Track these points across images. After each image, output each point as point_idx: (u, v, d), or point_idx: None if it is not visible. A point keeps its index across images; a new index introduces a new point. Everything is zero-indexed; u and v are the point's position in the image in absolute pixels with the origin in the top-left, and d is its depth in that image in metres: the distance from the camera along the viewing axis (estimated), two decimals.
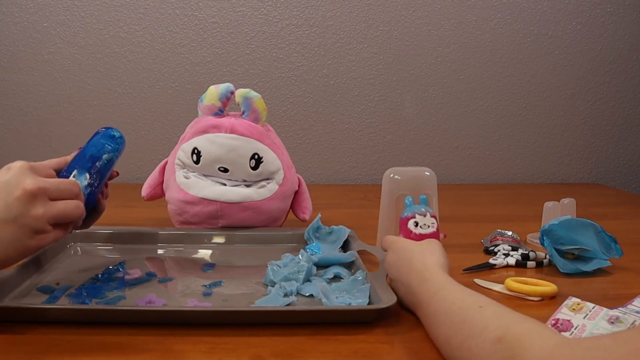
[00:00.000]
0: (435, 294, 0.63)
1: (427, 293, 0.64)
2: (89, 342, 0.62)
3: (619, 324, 0.63)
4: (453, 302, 0.59)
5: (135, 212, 1.19)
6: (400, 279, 0.71)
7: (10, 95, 1.57)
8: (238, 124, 0.98)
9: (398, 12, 1.60)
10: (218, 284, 0.79)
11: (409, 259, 0.71)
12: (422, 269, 0.68)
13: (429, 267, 0.68)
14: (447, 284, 0.64)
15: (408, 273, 0.69)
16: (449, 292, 0.62)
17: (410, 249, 0.73)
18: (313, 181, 1.62)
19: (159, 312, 0.68)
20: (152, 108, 1.59)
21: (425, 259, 0.70)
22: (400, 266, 0.72)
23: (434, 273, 0.66)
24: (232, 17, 1.57)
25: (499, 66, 1.64)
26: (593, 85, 1.68)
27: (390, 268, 0.75)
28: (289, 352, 0.61)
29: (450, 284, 0.64)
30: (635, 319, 0.63)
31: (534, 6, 1.63)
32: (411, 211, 0.83)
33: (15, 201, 0.62)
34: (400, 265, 0.72)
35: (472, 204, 1.38)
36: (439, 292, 0.63)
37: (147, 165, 1.25)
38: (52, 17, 1.55)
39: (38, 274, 0.81)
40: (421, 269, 0.68)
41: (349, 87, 1.62)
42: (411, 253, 0.72)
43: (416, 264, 0.69)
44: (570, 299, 0.69)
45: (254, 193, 0.99)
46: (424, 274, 0.67)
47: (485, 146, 1.68)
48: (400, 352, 0.63)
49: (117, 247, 0.96)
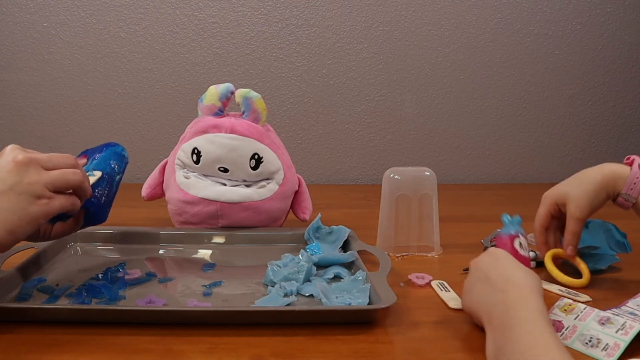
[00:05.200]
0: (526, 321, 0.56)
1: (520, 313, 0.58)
2: (89, 342, 0.62)
3: (610, 325, 0.63)
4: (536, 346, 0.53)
5: (135, 212, 1.19)
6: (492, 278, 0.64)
7: (10, 95, 1.57)
8: (238, 124, 0.98)
9: (398, 12, 1.60)
10: (218, 284, 0.79)
11: (512, 267, 0.65)
12: (523, 285, 0.62)
13: (532, 288, 0.61)
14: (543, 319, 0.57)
15: (506, 280, 0.63)
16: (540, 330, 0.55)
17: (514, 261, 0.67)
18: (313, 181, 1.62)
19: (159, 312, 0.68)
20: (152, 108, 1.59)
21: (530, 278, 0.63)
22: (497, 267, 0.66)
23: (534, 295, 0.60)
24: (232, 17, 1.57)
25: (499, 66, 1.64)
26: (593, 85, 1.68)
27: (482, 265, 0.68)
28: (289, 352, 0.61)
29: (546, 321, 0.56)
30: (625, 320, 0.63)
31: (534, 6, 1.62)
32: (515, 230, 0.78)
33: (8, 173, 0.63)
34: (498, 267, 0.66)
35: (472, 204, 1.38)
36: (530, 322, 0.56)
37: (147, 165, 1.25)
38: (52, 17, 1.55)
39: (38, 274, 0.81)
40: (522, 284, 0.62)
41: (349, 87, 1.62)
42: (516, 263, 0.66)
43: (518, 276, 0.63)
44: (562, 300, 0.69)
45: (254, 193, 0.99)
46: (523, 291, 0.60)
47: (485, 146, 1.68)
48: (400, 352, 0.63)
49: (117, 247, 0.96)
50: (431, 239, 0.96)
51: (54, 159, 0.68)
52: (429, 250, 0.96)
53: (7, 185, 0.63)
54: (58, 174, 0.67)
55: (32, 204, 0.64)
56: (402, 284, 0.82)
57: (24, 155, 0.65)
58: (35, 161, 0.65)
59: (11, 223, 0.63)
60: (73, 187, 0.69)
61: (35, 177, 0.64)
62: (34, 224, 0.65)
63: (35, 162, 0.65)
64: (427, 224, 0.96)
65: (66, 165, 0.68)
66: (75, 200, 0.69)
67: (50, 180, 0.66)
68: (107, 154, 0.81)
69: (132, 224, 1.04)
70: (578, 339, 0.63)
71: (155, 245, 0.97)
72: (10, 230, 0.63)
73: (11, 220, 0.63)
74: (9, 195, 0.63)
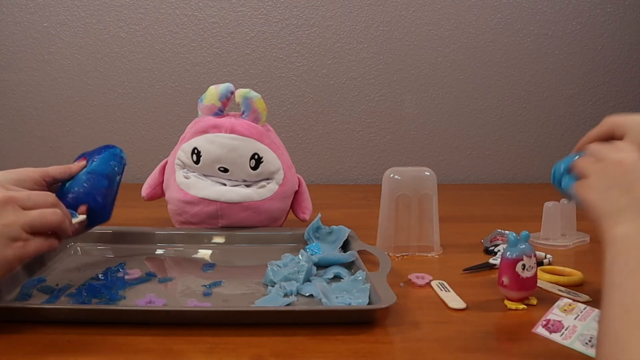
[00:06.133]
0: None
1: None
2: (89, 342, 0.62)
3: None
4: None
5: (135, 212, 1.19)
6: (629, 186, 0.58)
7: (10, 95, 1.57)
8: (238, 124, 0.98)
9: (398, 12, 1.60)
10: (218, 284, 0.79)
11: None
12: None
13: None
14: None
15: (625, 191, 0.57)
16: None
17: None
18: (313, 181, 1.62)
19: (159, 312, 0.68)
20: (152, 108, 1.59)
21: None
22: None
23: None
24: (232, 17, 1.57)
25: (499, 66, 1.64)
26: (593, 85, 1.68)
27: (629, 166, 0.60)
28: (289, 352, 0.61)
29: None
30: None
31: (534, 6, 1.62)
32: (519, 252, 0.74)
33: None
34: None
35: (472, 204, 1.38)
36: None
37: (147, 165, 1.25)
38: (52, 17, 1.55)
39: (38, 274, 0.81)
40: None
41: (349, 87, 1.62)
42: None
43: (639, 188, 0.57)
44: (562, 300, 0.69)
45: (254, 193, 0.99)
46: None
47: (485, 146, 1.68)
48: (400, 352, 0.63)
49: (117, 247, 0.96)
50: (431, 239, 0.96)
51: (34, 197, 0.65)
52: (429, 250, 0.96)
53: None
54: (36, 215, 0.64)
55: (8, 246, 0.61)
56: (402, 284, 0.82)
57: (2, 194, 0.62)
58: (13, 200, 0.62)
59: None
60: (52, 228, 0.66)
61: (12, 218, 0.61)
62: (8, 268, 0.63)
63: (13, 202, 0.62)
64: (427, 224, 0.96)
65: (46, 204, 0.66)
66: (53, 242, 0.67)
67: (28, 221, 0.63)
68: (106, 156, 0.82)
69: (132, 224, 1.04)
70: (578, 339, 0.63)
71: (155, 245, 0.97)
72: None
73: None
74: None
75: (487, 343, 0.65)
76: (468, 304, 0.74)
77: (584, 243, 1.04)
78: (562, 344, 0.63)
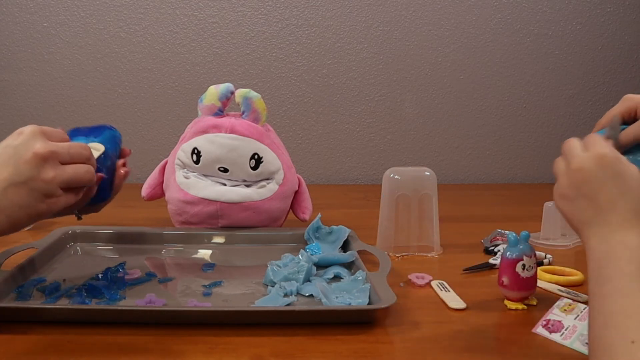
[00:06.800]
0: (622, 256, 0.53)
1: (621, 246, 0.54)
2: (89, 342, 0.62)
3: None
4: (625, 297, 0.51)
5: (135, 212, 1.19)
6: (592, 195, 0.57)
7: (10, 95, 1.57)
8: (238, 124, 0.98)
9: (398, 12, 1.60)
10: (218, 284, 0.79)
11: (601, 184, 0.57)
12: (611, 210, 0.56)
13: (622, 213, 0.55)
14: None
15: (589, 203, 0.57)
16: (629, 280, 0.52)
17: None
18: (313, 181, 1.62)
19: (159, 312, 0.68)
20: (152, 108, 1.59)
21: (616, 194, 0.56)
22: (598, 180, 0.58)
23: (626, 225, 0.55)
24: (232, 17, 1.57)
25: (499, 66, 1.64)
26: (593, 85, 1.68)
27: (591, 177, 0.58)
28: (289, 352, 0.61)
29: None
30: None
31: (534, 6, 1.62)
32: (519, 252, 0.74)
33: (26, 165, 0.62)
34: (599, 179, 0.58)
35: (472, 204, 1.38)
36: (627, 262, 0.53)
37: (147, 165, 1.25)
38: (52, 17, 1.55)
39: (38, 274, 0.81)
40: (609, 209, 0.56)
41: (349, 87, 1.62)
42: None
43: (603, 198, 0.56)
44: (562, 300, 0.69)
45: (254, 193, 0.99)
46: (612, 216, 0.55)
47: (485, 146, 1.68)
48: (400, 352, 0.63)
49: (117, 247, 0.96)
50: (431, 239, 0.96)
51: (72, 150, 0.66)
52: (429, 250, 0.96)
53: (22, 178, 0.62)
54: (72, 172, 0.65)
55: (41, 202, 0.63)
56: (402, 284, 0.82)
57: (45, 148, 0.63)
58: (54, 155, 0.64)
59: (17, 218, 0.63)
60: (84, 186, 0.68)
61: (52, 175, 0.63)
62: (37, 220, 0.65)
63: (54, 157, 0.64)
64: (427, 224, 0.96)
65: (81, 159, 0.67)
66: (80, 198, 0.69)
67: (65, 179, 0.65)
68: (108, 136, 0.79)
69: (132, 224, 1.04)
70: (578, 339, 0.63)
71: (155, 245, 0.97)
72: (13, 224, 0.63)
73: (18, 216, 0.62)
74: (21, 189, 0.62)
75: (487, 343, 0.65)
76: (468, 304, 0.74)
77: None
78: (562, 344, 0.63)
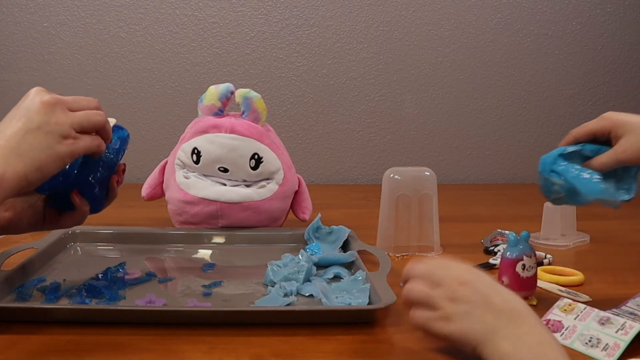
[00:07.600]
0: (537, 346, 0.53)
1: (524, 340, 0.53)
2: (89, 342, 0.62)
3: (610, 325, 0.63)
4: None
5: (135, 212, 1.19)
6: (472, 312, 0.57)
7: (10, 95, 1.57)
8: (238, 124, 0.98)
9: (398, 12, 1.60)
10: (218, 284, 0.79)
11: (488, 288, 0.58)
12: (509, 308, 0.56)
13: (520, 308, 0.56)
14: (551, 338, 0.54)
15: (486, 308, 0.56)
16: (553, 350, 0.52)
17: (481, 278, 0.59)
18: (313, 181, 1.62)
19: (159, 312, 0.68)
20: (152, 108, 1.59)
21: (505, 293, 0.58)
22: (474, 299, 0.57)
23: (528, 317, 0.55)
24: (232, 17, 1.57)
25: (499, 66, 1.64)
26: (593, 85, 1.68)
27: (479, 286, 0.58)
28: (289, 352, 0.61)
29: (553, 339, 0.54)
30: (625, 320, 0.63)
31: (534, 6, 1.62)
32: (519, 252, 0.73)
33: (36, 113, 0.64)
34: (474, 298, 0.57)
35: (472, 204, 1.38)
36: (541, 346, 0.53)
37: (147, 165, 1.25)
38: (52, 17, 1.55)
39: (38, 274, 0.81)
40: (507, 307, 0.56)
41: (349, 87, 1.62)
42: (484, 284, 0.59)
43: (496, 299, 0.57)
44: (562, 300, 0.69)
45: (254, 193, 0.99)
46: (512, 313, 0.55)
47: (485, 146, 1.68)
48: (400, 352, 0.63)
49: (117, 247, 0.96)
50: (431, 239, 0.96)
51: (79, 100, 0.69)
52: (429, 250, 0.96)
53: (35, 124, 0.64)
54: (83, 114, 0.67)
55: (59, 143, 0.65)
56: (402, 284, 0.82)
57: (51, 96, 0.66)
58: (62, 102, 0.66)
59: (39, 160, 0.63)
60: (97, 128, 0.69)
61: (62, 118, 0.65)
62: (61, 163, 0.66)
63: (61, 104, 0.66)
64: (427, 224, 0.96)
65: (90, 107, 0.69)
66: (100, 141, 0.70)
67: (76, 121, 0.66)
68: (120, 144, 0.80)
69: (132, 224, 1.04)
70: (578, 339, 0.63)
71: (155, 245, 0.97)
72: (38, 167, 0.63)
73: (39, 158, 0.63)
74: (36, 134, 0.64)
75: None
76: None
77: (584, 243, 1.04)
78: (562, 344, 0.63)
